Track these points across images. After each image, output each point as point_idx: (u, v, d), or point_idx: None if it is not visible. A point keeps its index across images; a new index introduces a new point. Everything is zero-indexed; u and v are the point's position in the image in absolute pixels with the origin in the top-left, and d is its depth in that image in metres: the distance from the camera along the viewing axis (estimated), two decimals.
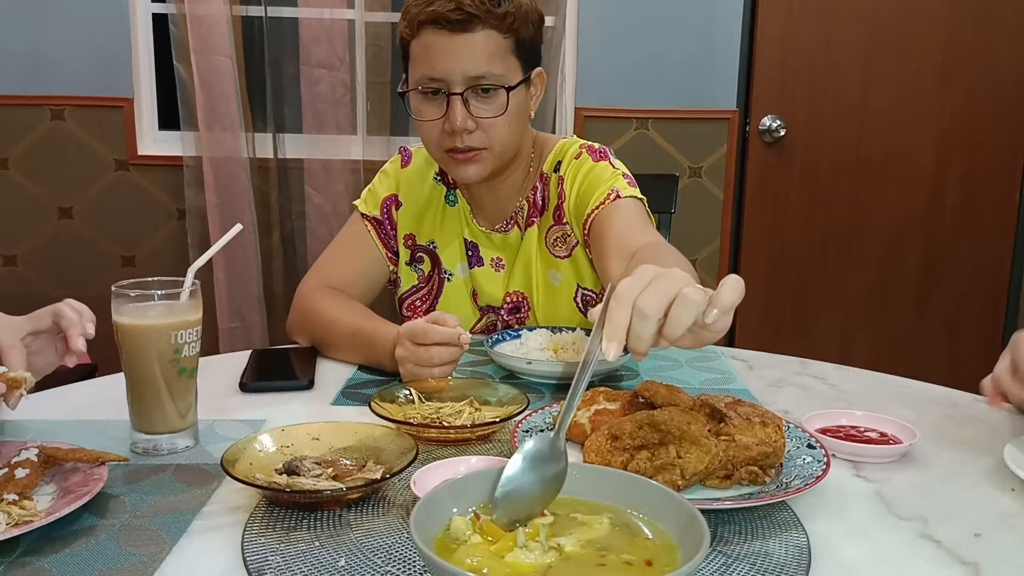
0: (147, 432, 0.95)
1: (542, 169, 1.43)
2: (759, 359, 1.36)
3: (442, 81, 1.25)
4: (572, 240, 1.41)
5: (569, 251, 1.42)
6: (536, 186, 1.42)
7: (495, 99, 1.27)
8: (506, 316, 1.46)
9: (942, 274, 3.07)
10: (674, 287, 0.71)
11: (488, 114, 1.27)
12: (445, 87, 1.26)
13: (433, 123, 1.29)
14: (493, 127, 1.28)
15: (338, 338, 1.29)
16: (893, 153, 3.01)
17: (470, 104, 1.26)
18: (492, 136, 1.29)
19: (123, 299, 0.93)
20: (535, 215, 1.43)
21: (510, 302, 1.45)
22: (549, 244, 1.43)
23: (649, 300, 0.70)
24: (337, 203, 2.85)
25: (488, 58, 1.24)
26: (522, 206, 1.43)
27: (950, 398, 1.20)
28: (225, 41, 2.73)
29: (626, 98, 2.93)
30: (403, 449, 0.88)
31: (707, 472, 0.83)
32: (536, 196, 1.42)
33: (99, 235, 2.92)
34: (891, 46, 2.95)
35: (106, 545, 0.75)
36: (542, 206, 1.42)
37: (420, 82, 1.27)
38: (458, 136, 1.27)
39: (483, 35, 1.24)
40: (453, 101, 1.25)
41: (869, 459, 0.96)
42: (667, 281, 0.72)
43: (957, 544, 0.78)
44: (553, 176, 1.42)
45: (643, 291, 0.70)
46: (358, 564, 0.72)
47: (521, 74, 1.29)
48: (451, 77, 1.25)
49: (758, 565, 0.73)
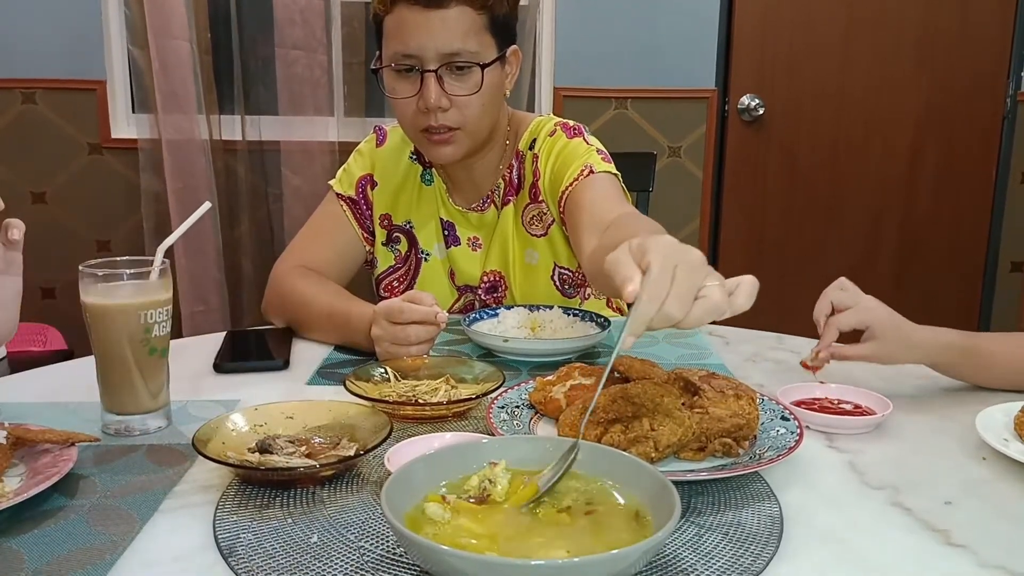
0: (118, 413, 0.94)
1: (518, 147, 1.42)
2: (736, 334, 1.36)
3: (416, 58, 1.24)
4: (548, 218, 1.41)
5: (545, 229, 1.41)
6: (512, 164, 1.42)
7: (469, 77, 1.26)
8: (483, 295, 1.46)
9: (920, 251, 3.10)
10: (696, 282, 0.73)
11: (462, 92, 1.26)
12: (419, 64, 1.24)
13: (407, 101, 1.27)
14: (467, 105, 1.27)
15: (314, 318, 1.29)
16: (871, 131, 3.02)
17: (444, 82, 1.25)
18: (466, 115, 1.28)
19: (91, 279, 0.91)
20: (511, 193, 1.42)
21: (487, 281, 1.44)
22: (525, 222, 1.42)
23: (674, 307, 0.71)
24: (316, 184, 2.82)
25: (463, 35, 1.23)
26: (498, 185, 1.42)
27: (924, 370, 1.20)
28: (183, 24, 2.69)
29: (605, 77, 2.92)
30: (377, 426, 0.87)
31: (680, 444, 0.83)
32: (512, 174, 1.42)
33: (74, 220, 2.89)
34: (869, 25, 2.95)
35: (75, 525, 0.74)
36: (518, 184, 1.42)
37: (394, 59, 1.26)
38: (432, 114, 1.26)
39: (457, 11, 1.22)
40: (427, 78, 1.24)
41: (842, 430, 0.96)
42: (689, 278, 0.72)
43: (927, 512, 0.78)
44: (528, 154, 1.41)
45: (669, 294, 0.71)
46: (331, 540, 0.72)
47: (496, 51, 1.28)
48: (425, 54, 1.23)
49: (731, 535, 0.73)
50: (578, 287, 1.46)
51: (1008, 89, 2.98)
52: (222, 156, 2.83)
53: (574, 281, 1.44)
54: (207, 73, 2.78)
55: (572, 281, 1.44)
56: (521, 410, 0.96)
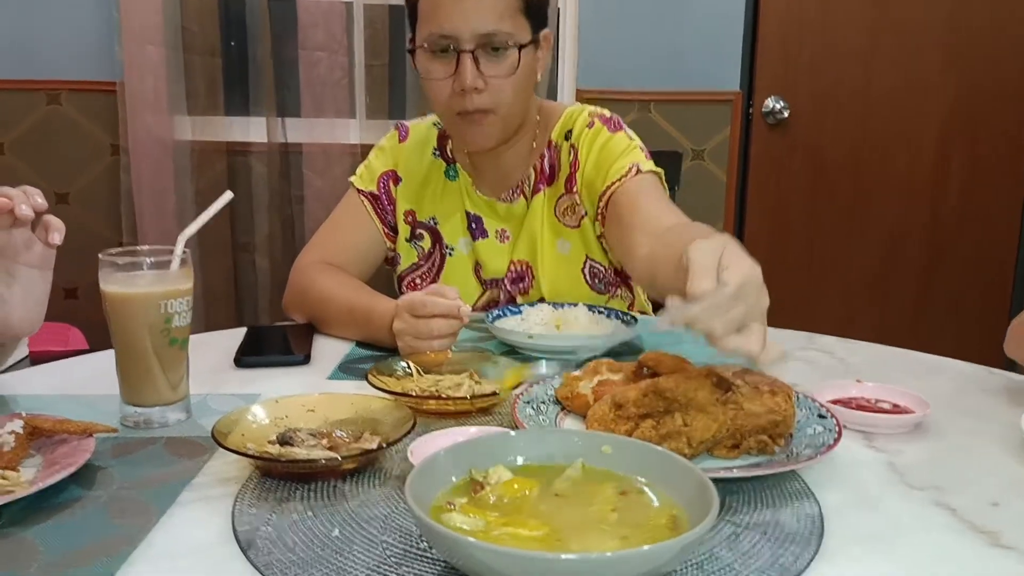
0: (138, 405, 0.92)
1: (550, 137, 1.40)
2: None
3: (452, 38, 1.23)
4: (581, 210, 1.38)
5: (578, 221, 1.39)
6: (544, 154, 1.40)
7: (505, 59, 1.24)
8: (509, 286, 1.43)
9: (946, 255, 3.04)
10: (747, 320, 0.77)
11: (498, 73, 1.25)
12: (455, 44, 1.23)
13: (442, 83, 1.26)
14: (502, 88, 1.26)
15: (335, 313, 1.27)
16: (897, 134, 2.97)
17: (480, 63, 1.23)
18: (501, 97, 1.26)
19: (111, 267, 0.90)
20: (543, 183, 1.40)
21: (513, 271, 1.42)
22: (559, 213, 1.40)
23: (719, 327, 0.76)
24: (337, 186, 2.81)
25: (499, 15, 1.22)
26: (528, 175, 1.40)
27: (960, 370, 1.17)
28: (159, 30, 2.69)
29: (628, 80, 2.89)
30: (400, 420, 0.85)
31: (714, 440, 0.80)
32: (543, 164, 1.40)
33: (96, 220, 2.89)
34: (896, 26, 2.91)
35: (92, 516, 0.72)
36: (550, 174, 1.40)
37: (429, 39, 1.24)
38: (468, 96, 1.25)
39: None
40: (463, 59, 1.22)
41: (881, 430, 0.93)
42: (747, 314, 0.77)
43: (974, 513, 0.75)
44: (564, 144, 1.39)
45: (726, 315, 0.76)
46: (353, 534, 0.69)
47: (530, 34, 1.27)
48: (461, 34, 1.22)
49: (769, 534, 0.70)
50: (609, 285, 1.43)
51: None
52: (242, 158, 2.83)
53: (605, 277, 1.42)
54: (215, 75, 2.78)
55: (603, 277, 1.42)
56: (547, 406, 0.94)
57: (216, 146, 2.83)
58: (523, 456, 0.72)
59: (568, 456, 0.72)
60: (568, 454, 0.72)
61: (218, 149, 2.83)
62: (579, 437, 0.75)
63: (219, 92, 2.83)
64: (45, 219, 0.91)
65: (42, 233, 0.92)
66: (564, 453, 0.72)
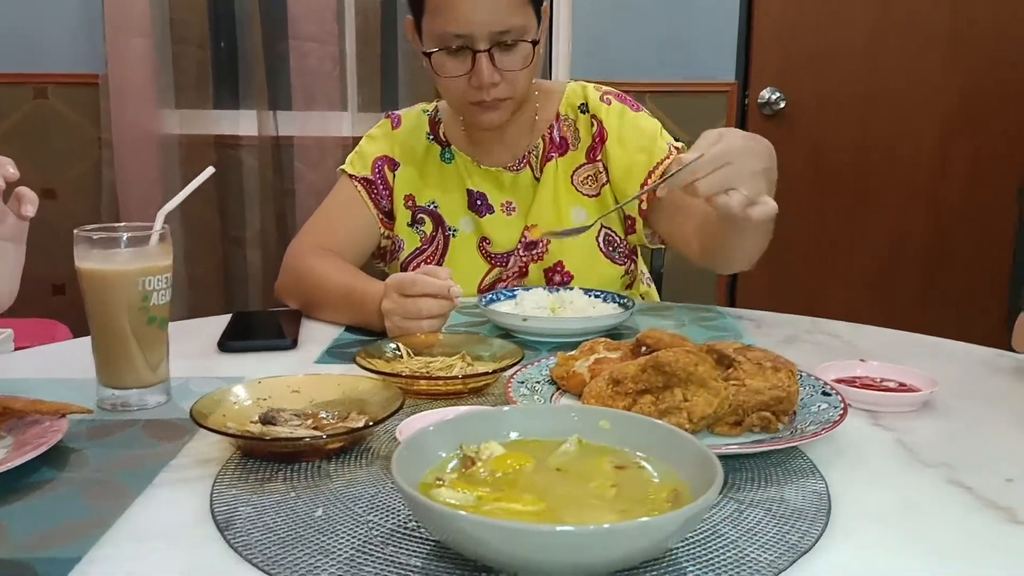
0: (115, 387, 0.89)
1: (557, 110, 1.42)
2: (768, 318, 1.30)
3: (467, 37, 1.23)
4: (603, 179, 1.40)
5: (598, 190, 1.40)
6: (553, 125, 1.41)
7: (519, 51, 1.26)
8: (522, 252, 1.41)
9: (948, 252, 3.00)
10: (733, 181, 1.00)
11: (513, 67, 1.26)
12: (470, 43, 1.23)
13: (457, 79, 1.26)
14: (516, 78, 1.27)
15: (328, 296, 1.24)
16: (898, 128, 2.94)
17: (494, 58, 1.24)
18: (515, 87, 1.28)
19: (87, 243, 0.86)
20: (554, 151, 1.41)
21: (526, 236, 1.40)
22: (576, 181, 1.40)
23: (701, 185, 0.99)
24: (329, 179, 2.78)
25: (511, 12, 1.23)
26: (536, 145, 1.41)
27: (970, 352, 1.14)
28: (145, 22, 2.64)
29: (623, 70, 2.86)
30: (389, 399, 0.82)
31: (716, 416, 0.76)
32: (553, 134, 1.41)
33: (84, 215, 2.84)
34: (897, 20, 2.87)
35: (64, 498, 0.69)
36: (563, 144, 1.41)
37: (443, 39, 1.24)
38: (485, 90, 1.26)
39: None
40: (479, 58, 1.23)
41: (887, 408, 0.90)
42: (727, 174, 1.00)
43: (989, 490, 0.71)
44: (580, 116, 1.42)
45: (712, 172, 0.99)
46: (337, 514, 0.66)
47: (536, 18, 1.28)
48: (477, 33, 1.22)
49: (774, 511, 0.67)
50: (626, 257, 1.43)
51: None
52: (232, 151, 2.79)
53: (619, 247, 1.42)
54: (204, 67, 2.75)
55: (617, 246, 1.42)
56: (542, 385, 0.90)
57: (204, 139, 2.79)
58: (517, 431, 0.69)
59: (564, 431, 0.69)
60: (564, 429, 0.69)
61: (206, 143, 2.79)
62: (576, 411, 0.71)
63: (208, 85, 2.79)
64: (17, 191, 0.87)
65: (15, 205, 0.88)
66: (560, 428, 0.69)
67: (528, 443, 0.68)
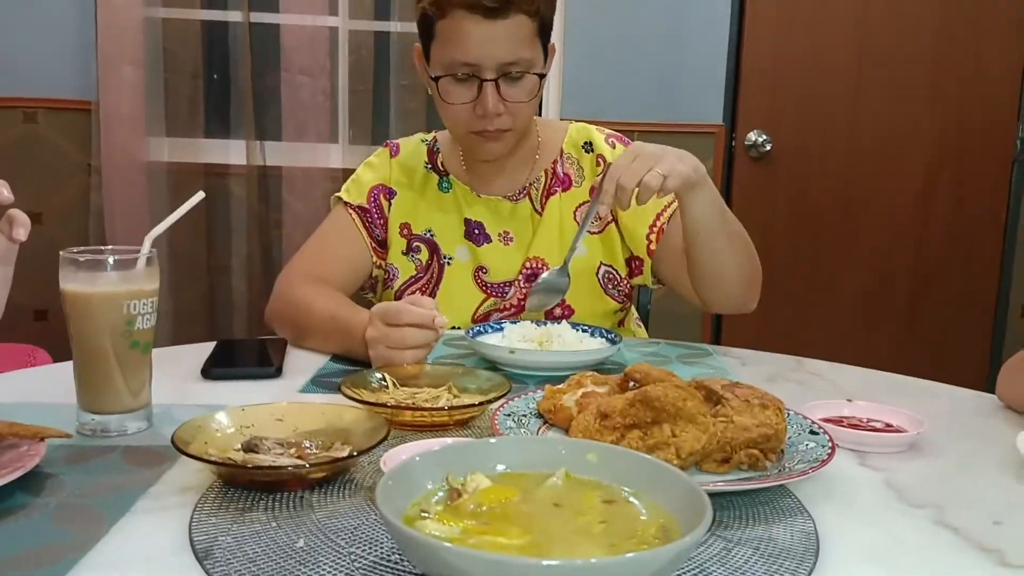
0: (96, 412, 0.87)
1: (561, 147, 1.44)
2: (753, 356, 1.30)
3: (475, 66, 1.24)
4: (608, 217, 1.41)
5: (602, 227, 1.42)
6: (557, 160, 1.43)
7: (525, 83, 1.28)
8: (523, 283, 1.40)
9: (930, 292, 3.03)
10: (639, 170, 1.09)
11: (518, 99, 1.28)
12: (477, 72, 1.25)
13: (463, 106, 1.28)
14: (521, 110, 1.29)
15: (315, 324, 1.23)
16: (882, 169, 2.98)
17: (500, 88, 1.26)
18: (518, 119, 1.30)
19: (72, 266, 0.85)
20: (557, 187, 1.42)
21: (529, 268, 1.40)
22: (579, 217, 1.41)
23: (625, 180, 1.08)
24: (319, 212, 2.78)
25: (520, 44, 1.25)
26: (537, 178, 1.42)
27: (952, 393, 1.14)
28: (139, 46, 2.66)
29: (612, 111, 2.89)
30: (373, 429, 0.81)
31: (704, 453, 0.76)
32: (557, 169, 1.42)
33: (70, 240, 2.82)
34: (880, 64, 2.93)
35: (37, 523, 0.67)
36: (567, 180, 1.42)
37: (451, 66, 1.26)
38: (489, 119, 1.27)
39: (515, 21, 1.23)
40: (486, 87, 1.25)
41: (875, 448, 0.89)
42: (641, 167, 1.10)
43: (976, 531, 0.71)
44: (585, 156, 1.44)
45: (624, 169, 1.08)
46: (318, 545, 0.65)
47: (543, 54, 1.30)
48: (485, 63, 1.24)
49: (762, 550, 0.66)
50: (625, 295, 1.44)
51: (1018, 132, 2.95)
52: (221, 181, 2.79)
53: (619, 284, 1.42)
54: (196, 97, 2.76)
55: (617, 284, 1.42)
56: (529, 419, 0.89)
57: (194, 168, 2.79)
58: (504, 464, 0.68)
59: (552, 464, 0.68)
60: (552, 462, 0.68)
61: (195, 171, 2.79)
62: (563, 444, 0.70)
63: (199, 114, 2.80)
64: (9, 213, 0.87)
65: (6, 227, 0.87)
66: (548, 461, 0.68)
67: (515, 476, 0.67)
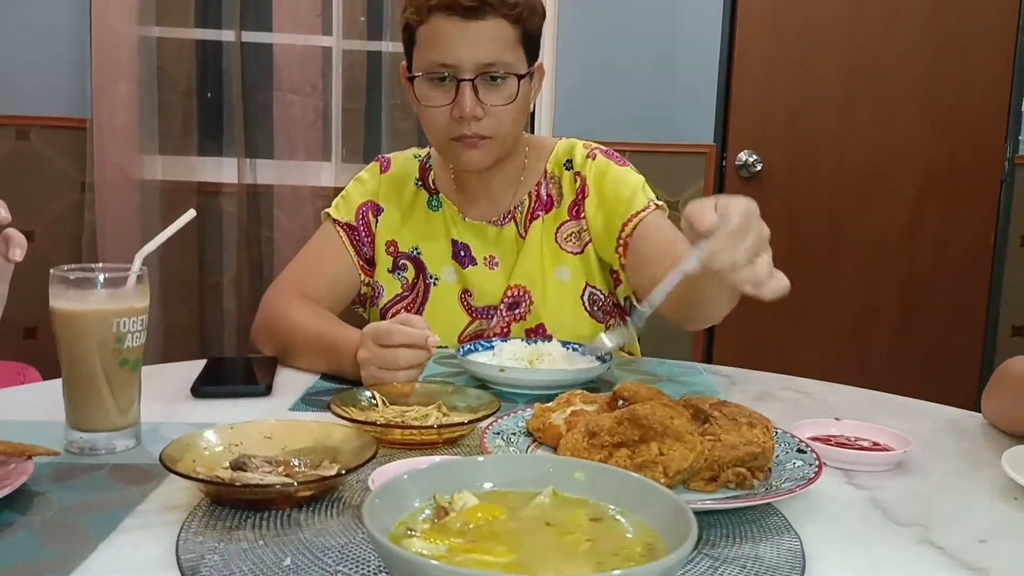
0: (84, 430, 0.87)
1: (546, 167, 1.42)
2: (742, 375, 1.30)
3: (452, 67, 1.24)
4: (586, 237, 1.39)
5: (581, 248, 1.39)
6: (541, 182, 1.41)
7: (504, 88, 1.27)
8: (505, 312, 1.40)
9: (920, 312, 3.05)
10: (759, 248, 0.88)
11: (497, 102, 1.26)
12: (455, 73, 1.24)
13: (440, 109, 1.27)
14: (500, 115, 1.27)
15: (302, 342, 1.23)
16: (871, 188, 3.00)
17: (479, 91, 1.25)
18: (498, 125, 1.28)
19: (62, 283, 0.86)
20: (540, 210, 1.40)
21: (510, 296, 1.39)
22: (560, 239, 1.40)
23: (741, 255, 0.86)
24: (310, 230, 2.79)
25: (499, 47, 1.25)
26: (522, 201, 1.41)
27: (942, 412, 1.15)
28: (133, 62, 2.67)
29: (604, 131, 2.89)
30: (362, 447, 0.81)
31: (692, 471, 0.76)
32: (541, 191, 1.41)
33: (61, 258, 2.82)
34: (870, 84, 2.96)
35: (23, 540, 0.67)
36: (549, 201, 1.41)
37: (429, 67, 1.26)
38: (466, 123, 1.26)
39: (494, 24, 1.23)
40: (463, 87, 1.24)
41: (862, 467, 0.90)
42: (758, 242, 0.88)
43: (962, 550, 0.72)
44: (566, 173, 1.41)
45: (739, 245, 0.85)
46: (306, 563, 0.65)
47: (526, 66, 1.30)
48: (462, 63, 1.23)
49: (748, 568, 0.66)
50: (608, 314, 1.42)
51: (1007, 152, 2.98)
52: (212, 199, 2.79)
53: (604, 306, 1.41)
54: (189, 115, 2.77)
55: (602, 305, 1.40)
56: (518, 437, 0.90)
57: (187, 186, 2.80)
58: (491, 482, 0.68)
59: (539, 482, 0.68)
60: (539, 480, 0.68)
61: (188, 189, 2.79)
62: (551, 463, 0.71)
63: (192, 132, 2.81)
64: (6, 232, 0.87)
65: (2, 246, 0.87)
66: (535, 479, 0.68)
67: (503, 494, 0.67)
